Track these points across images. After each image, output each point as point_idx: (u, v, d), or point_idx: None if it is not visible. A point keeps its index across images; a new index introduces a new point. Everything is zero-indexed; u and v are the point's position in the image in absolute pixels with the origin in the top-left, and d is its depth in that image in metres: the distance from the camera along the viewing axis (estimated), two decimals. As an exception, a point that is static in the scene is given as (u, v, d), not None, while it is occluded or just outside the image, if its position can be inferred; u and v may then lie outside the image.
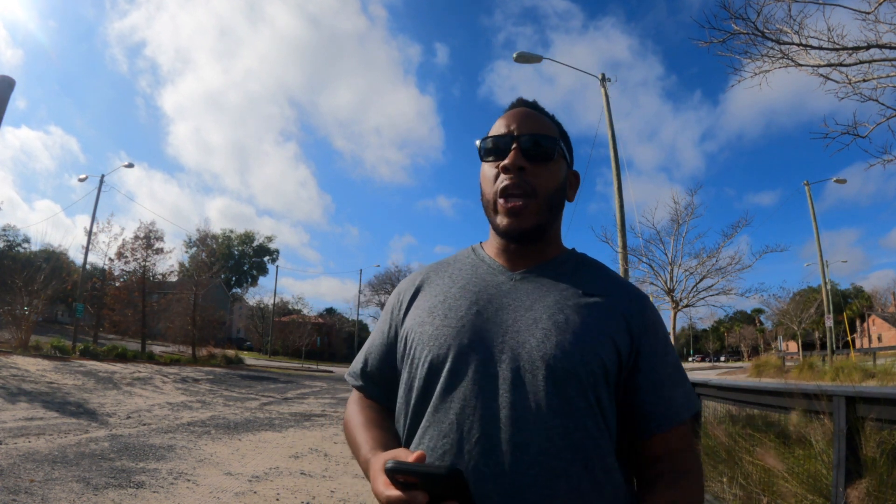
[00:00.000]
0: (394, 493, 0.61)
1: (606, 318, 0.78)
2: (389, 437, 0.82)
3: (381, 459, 0.68)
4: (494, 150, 0.85)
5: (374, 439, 0.80)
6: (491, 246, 0.90)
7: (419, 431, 0.76)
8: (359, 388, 0.93)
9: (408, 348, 0.83)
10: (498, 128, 0.87)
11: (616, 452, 0.75)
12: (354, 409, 0.90)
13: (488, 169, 0.86)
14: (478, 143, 0.89)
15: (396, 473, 0.60)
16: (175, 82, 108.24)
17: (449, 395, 0.74)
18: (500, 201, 0.82)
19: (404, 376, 0.83)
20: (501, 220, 0.83)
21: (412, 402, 0.79)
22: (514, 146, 0.83)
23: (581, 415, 0.72)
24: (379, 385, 0.90)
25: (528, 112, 0.88)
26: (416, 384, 0.79)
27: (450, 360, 0.76)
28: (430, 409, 0.76)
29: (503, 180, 0.82)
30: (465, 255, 0.93)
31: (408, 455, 0.65)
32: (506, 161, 0.82)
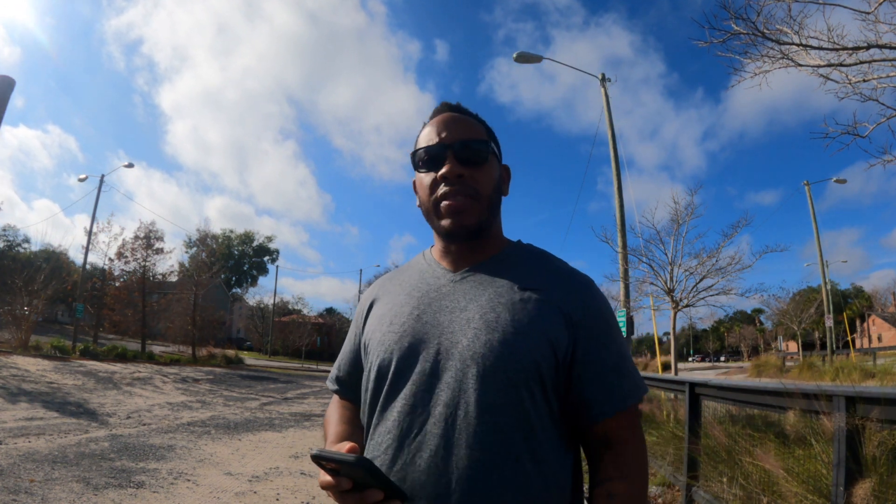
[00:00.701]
0: (326, 479, 0.70)
1: (541, 313, 0.80)
2: (353, 431, 0.89)
3: (335, 448, 0.77)
4: (429, 160, 0.87)
5: (337, 433, 0.88)
6: (437, 250, 0.94)
7: (371, 428, 0.83)
8: (335, 392, 1.01)
9: (364, 354, 0.90)
10: (428, 136, 0.89)
11: (557, 442, 0.79)
12: (332, 408, 0.99)
13: (425, 178, 0.88)
14: (412, 153, 0.91)
15: (320, 460, 0.67)
16: (173, 80, 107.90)
17: (393, 396, 0.80)
18: (443, 204, 0.85)
19: (363, 379, 0.90)
20: (445, 223, 0.86)
21: (367, 402, 0.86)
22: (448, 155, 0.85)
23: (511, 411, 0.75)
24: (350, 388, 0.97)
25: (455, 117, 0.90)
26: (369, 386, 0.85)
27: (393, 363, 0.81)
28: (378, 408, 0.82)
29: (443, 188, 0.85)
30: (416, 260, 0.98)
31: (345, 446, 0.74)
32: (444, 170, 0.85)
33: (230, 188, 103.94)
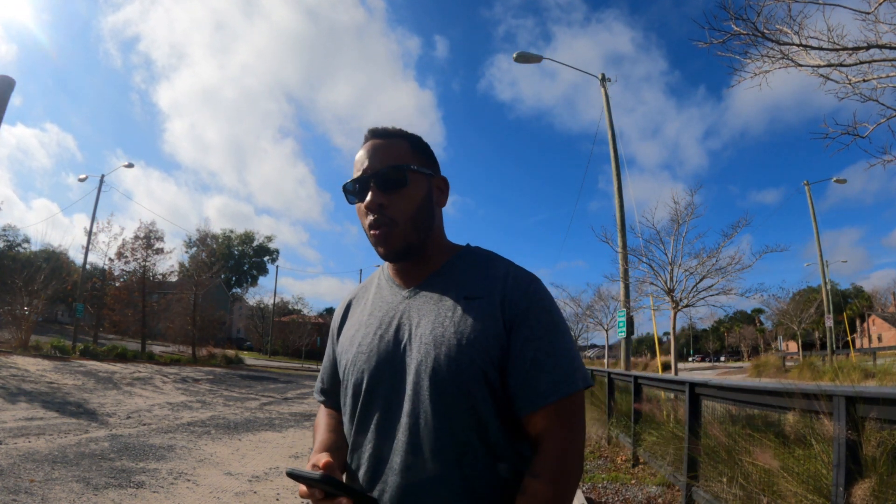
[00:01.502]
0: (302, 489, 0.78)
1: (483, 320, 0.85)
2: (337, 439, 0.97)
3: (313, 460, 0.85)
4: (357, 192, 0.93)
5: (322, 442, 0.97)
6: (391, 266, 1.00)
7: (352, 440, 0.91)
8: (322, 402, 1.10)
9: (340, 371, 0.97)
10: (356, 166, 0.94)
11: (510, 439, 0.84)
12: (320, 416, 1.08)
13: (359, 207, 0.94)
14: (342, 186, 0.96)
15: (293, 478, 0.77)
16: (170, 78, 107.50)
17: (368, 411, 0.89)
18: (371, 233, 0.92)
19: (341, 394, 0.97)
20: (378, 250, 0.93)
21: (346, 417, 0.94)
22: (371, 186, 0.91)
23: (464, 416, 0.82)
24: (334, 397, 1.05)
25: (377, 144, 0.94)
26: (347, 402, 0.94)
27: (365, 382, 0.89)
28: (356, 422, 0.90)
29: (368, 217, 0.91)
30: (376, 275, 1.05)
31: (322, 459, 0.81)
32: (366, 202, 0.91)
33: (229, 187, 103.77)
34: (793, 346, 41.66)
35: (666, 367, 13.26)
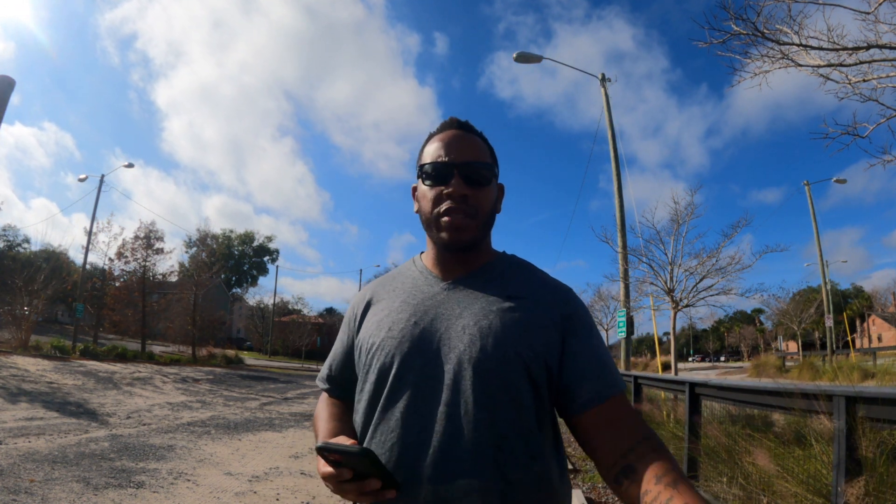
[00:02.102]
0: (327, 469, 0.76)
1: (530, 319, 0.88)
2: (343, 427, 0.95)
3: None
4: (436, 175, 0.93)
5: (328, 430, 0.94)
6: (428, 257, 1.00)
7: (371, 428, 0.88)
8: (326, 390, 1.07)
9: (361, 357, 0.95)
10: (435, 151, 0.95)
11: (548, 434, 0.86)
12: (321, 406, 1.05)
13: (430, 191, 0.94)
14: (419, 165, 0.97)
15: (325, 452, 0.74)
16: (168, 76, 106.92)
17: (395, 397, 0.86)
18: (445, 219, 0.91)
19: (359, 381, 0.95)
20: (444, 235, 0.92)
21: (365, 403, 0.91)
22: (455, 175, 0.91)
23: (505, 408, 0.82)
24: (340, 386, 1.04)
25: (463, 136, 0.95)
26: (367, 388, 0.91)
27: (395, 367, 0.87)
28: (379, 409, 0.87)
29: (448, 204, 0.91)
30: (407, 267, 1.04)
31: (345, 441, 0.79)
32: (450, 190, 0.91)
33: (228, 186, 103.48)
34: (793, 346, 41.65)
35: (666, 366, 13.26)
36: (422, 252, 1.04)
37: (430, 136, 0.98)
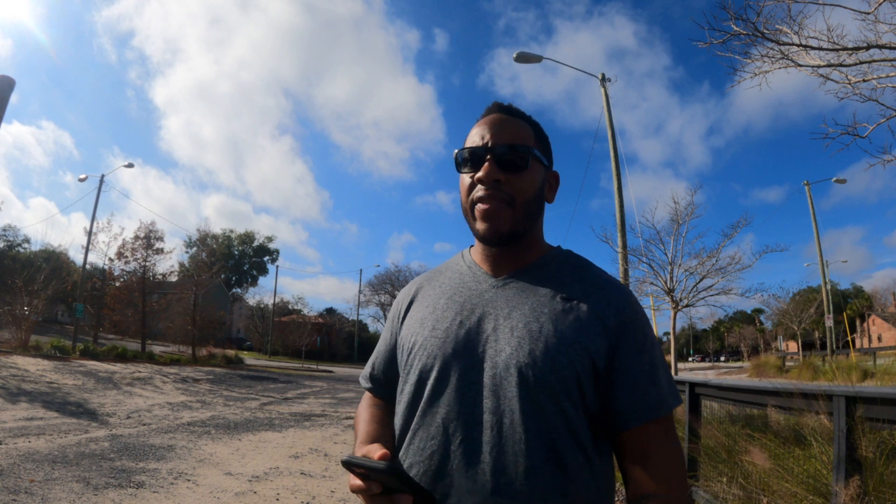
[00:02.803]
0: (356, 482, 0.72)
1: (582, 324, 0.81)
2: (384, 431, 0.89)
3: (363, 451, 0.78)
4: (471, 161, 0.87)
5: (368, 433, 0.88)
6: (476, 251, 0.94)
7: (409, 434, 0.83)
8: (368, 390, 1.02)
9: (403, 356, 0.90)
10: (474, 137, 0.89)
11: (596, 450, 0.80)
12: (363, 406, 0.99)
13: (465, 178, 0.88)
14: (455, 153, 0.91)
15: (351, 466, 0.70)
16: (165, 74, 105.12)
17: (436, 401, 0.81)
18: (477, 206, 0.85)
19: (400, 381, 0.90)
20: (479, 226, 0.86)
21: (404, 405, 0.86)
22: (488, 158, 0.85)
23: (553, 418, 0.76)
24: (384, 386, 0.99)
25: (503, 119, 0.89)
26: (407, 389, 0.86)
27: (436, 368, 0.82)
28: (418, 413, 0.83)
29: (479, 190, 0.85)
30: (455, 261, 0.98)
31: (377, 451, 0.74)
32: (480, 174, 0.85)
33: (227, 185, 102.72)
34: (793, 346, 41.67)
35: (666, 367, 13.22)
36: (471, 246, 0.98)
37: (475, 124, 0.92)
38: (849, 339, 28.52)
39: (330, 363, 38.73)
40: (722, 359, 62.71)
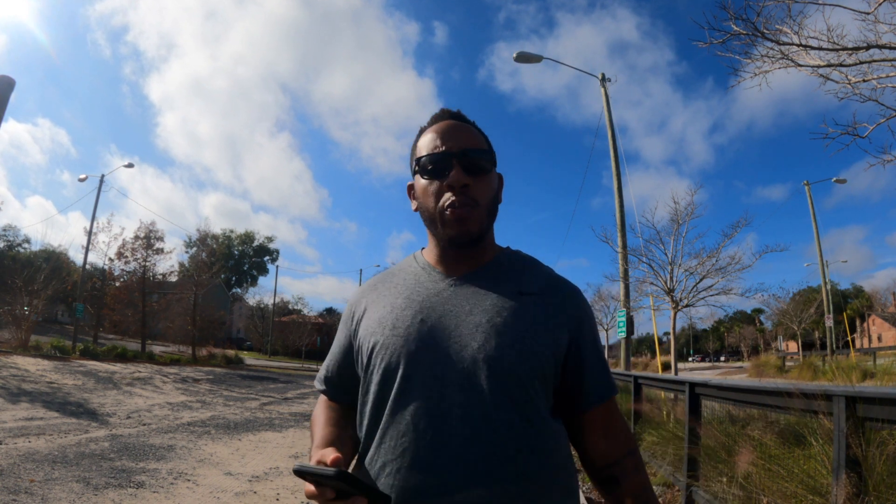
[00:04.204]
0: (310, 489, 0.72)
1: (542, 316, 0.87)
2: (340, 433, 0.91)
3: (318, 456, 0.78)
4: (434, 168, 0.90)
5: (323, 437, 0.89)
6: (430, 253, 0.96)
7: (379, 432, 0.84)
8: (323, 392, 1.03)
9: (363, 357, 0.90)
10: (430, 143, 0.91)
11: (559, 433, 0.87)
12: (318, 409, 1.01)
13: (429, 186, 0.90)
14: (415, 158, 0.93)
15: (302, 475, 0.70)
16: (161, 70, 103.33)
17: (403, 399, 0.82)
18: (447, 213, 0.87)
19: (362, 383, 0.90)
20: (450, 230, 0.88)
21: (370, 406, 0.86)
22: (454, 165, 0.88)
23: (522, 407, 0.80)
24: (339, 388, 1.00)
25: (458, 125, 0.93)
26: (373, 389, 0.86)
27: (401, 367, 0.83)
28: (387, 411, 0.83)
29: (449, 197, 0.88)
30: (407, 263, 1.00)
31: (330, 455, 0.74)
32: (450, 180, 0.87)
33: (225, 183, 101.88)
34: (793, 346, 41.66)
35: (666, 366, 13.26)
36: (422, 248, 1.00)
37: (423, 130, 0.95)
38: (849, 339, 28.55)
39: (330, 363, 38.60)
40: (722, 359, 62.66)
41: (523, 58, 10.98)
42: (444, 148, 0.89)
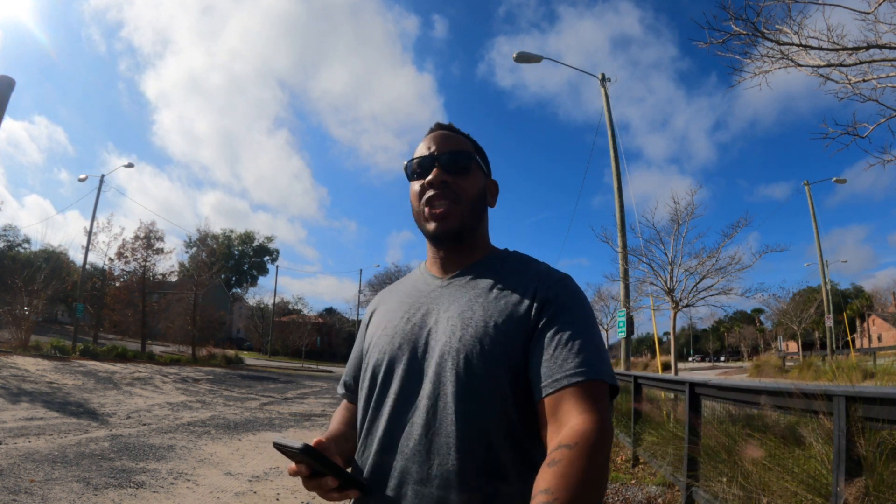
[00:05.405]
0: (291, 466, 0.79)
1: (513, 308, 0.85)
2: (345, 430, 0.99)
3: (312, 443, 0.83)
4: (419, 170, 0.97)
5: (331, 431, 0.98)
6: (428, 259, 1.02)
7: (366, 427, 0.90)
8: (342, 396, 1.11)
9: (364, 359, 0.98)
10: (420, 150, 0.99)
11: (529, 426, 0.81)
12: (337, 410, 1.10)
13: (416, 186, 0.98)
14: (405, 164, 1.01)
15: (279, 448, 0.76)
16: (157, 66, 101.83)
17: (385, 393, 0.88)
18: (426, 209, 0.94)
19: (360, 380, 0.97)
20: (430, 226, 0.94)
21: (362, 401, 0.93)
22: (436, 164, 0.95)
23: (485, 399, 0.80)
24: (356, 392, 1.03)
25: (445, 133, 1.00)
26: (364, 386, 0.93)
27: (384, 363, 0.89)
28: (372, 407, 0.90)
29: (429, 193, 0.94)
30: (412, 272, 1.07)
31: (312, 438, 0.81)
32: (430, 178, 0.94)
33: (223, 182, 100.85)
34: (793, 346, 41.66)
35: (666, 366, 13.26)
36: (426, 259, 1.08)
37: (421, 140, 1.03)
38: (849, 339, 28.56)
39: (330, 363, 38.72)
40: (722, 359, 62.70)
41: (523, 58, 10.98)
42: (428, 152, 0.96)
